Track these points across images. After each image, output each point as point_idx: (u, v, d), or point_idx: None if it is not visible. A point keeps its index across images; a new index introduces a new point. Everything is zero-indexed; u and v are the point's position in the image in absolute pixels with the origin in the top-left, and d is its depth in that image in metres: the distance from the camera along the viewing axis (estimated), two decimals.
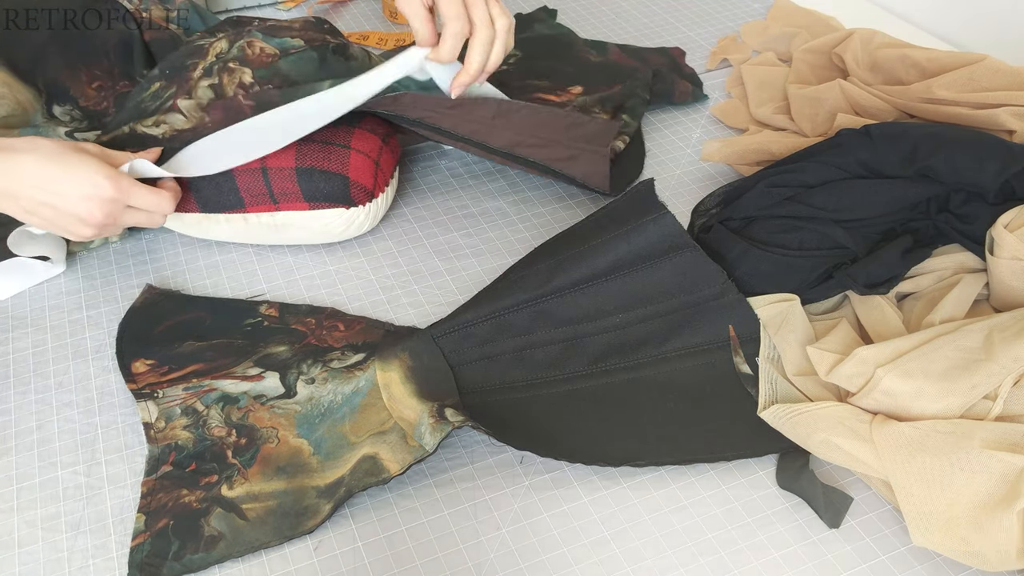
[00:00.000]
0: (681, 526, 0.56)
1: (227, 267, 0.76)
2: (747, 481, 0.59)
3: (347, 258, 0.77)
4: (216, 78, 0.76)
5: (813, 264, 0.67)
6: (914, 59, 0.85)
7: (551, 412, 0.62)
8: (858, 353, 0.59)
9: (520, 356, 0.65)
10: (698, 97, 0.96)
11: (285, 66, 0.76)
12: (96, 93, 0.84)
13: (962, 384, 0.56)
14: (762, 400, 0.61)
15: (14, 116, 0.80)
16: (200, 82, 0.76)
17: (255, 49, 0.76)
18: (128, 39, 0.87)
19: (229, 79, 0.75)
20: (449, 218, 0.81)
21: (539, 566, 0.54)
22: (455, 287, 0.74)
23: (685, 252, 0.65)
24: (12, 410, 0.63)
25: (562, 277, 0.65)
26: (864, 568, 0.54)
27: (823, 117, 0.87)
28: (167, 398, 0.63)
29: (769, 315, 0.65)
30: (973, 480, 0.53)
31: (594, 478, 0.59)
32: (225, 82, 0.75)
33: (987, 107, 0.76)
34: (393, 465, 0.57)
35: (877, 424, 0.57)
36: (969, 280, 0.66)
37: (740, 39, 1.06)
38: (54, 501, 0.57)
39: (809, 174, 0.69)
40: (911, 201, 0.68)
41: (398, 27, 1.10)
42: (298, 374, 0.65)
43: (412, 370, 0.63)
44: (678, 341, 0.65)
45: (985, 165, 0.66)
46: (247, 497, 0.57)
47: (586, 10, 1.13)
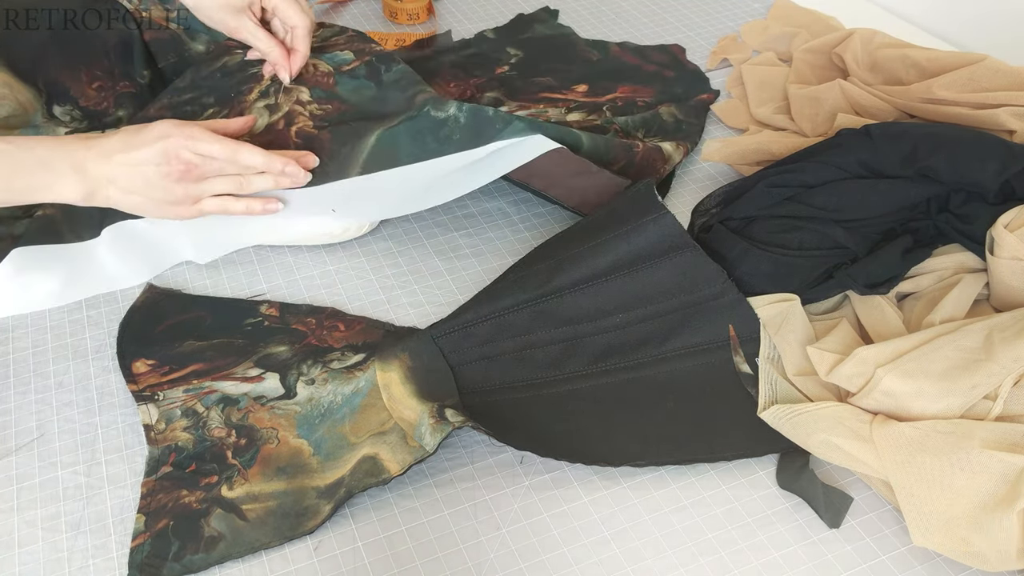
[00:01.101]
0: (681, 526, 0.56)
1: (227, 267, 0.76)
2: (747, 481, 0.59)
3: (347, 258, 0.77)
4: (273, 98, 0.77)
5: (813, 264, 0.67)
6: (914, 59, 0.85)
7: (551, 412, 0.62)
8: (858, 353, 0.59)
9: (520, 356, 0.65)
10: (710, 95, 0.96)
11: (342, 91, 0.78)
12: (96, 93, 0.84)
13: (962, 384, 0.56)
14: (762, 400, 0.61)
15: (15, 116, 0.80)
16: (256, 103, 0.77)
17: (308, 68, 0.79)
18: (128, 39, 0.87)
19: (286, 98, 0.77)
20: (449, 218, 0.81)
21: (539, 566, 0.54)
22: (455, 287, 0.74)
23: (685, 252, 0.65)
24: (12, 410, 0.63)
25: (562, 277, 0.65)
26: (864, 568, 0.54)
27: (823, 117, 0.87)
28: (167, 400, 0.63)
29: (769, 315, 0.65)
30: (973, 480, 0.53)
31: (594, 478, 0.59)
32: (281, 101, 0.77)
33: (987, 107, 0.76)
34: (393, 465, 0.57)
35: (877, 424, 0.56)
36: (969, 280, 0.66)
37: (740, 39, 1.06)
38: (54, 501, 0.57)
39: (809, 174, 0.69)
40: (911, 201, 0.68)
41: (398, 27, 1.10)
42: (298, 375, 0.65)
43: (412, 370, 0.63)
44: (678, 341, 0.65)
45: (985, 165, 0.66)
46: (247, 498, 0.57)
47: (586, 10, 1.13)
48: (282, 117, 0.75)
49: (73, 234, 0.73)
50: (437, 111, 0.73)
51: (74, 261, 0.73)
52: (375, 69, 0.79)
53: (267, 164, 0.69)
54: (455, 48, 1.04)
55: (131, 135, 0.66)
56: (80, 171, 0.64)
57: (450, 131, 0.73)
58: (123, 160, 0.65)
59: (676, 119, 0.90)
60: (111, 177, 0.65)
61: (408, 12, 1.09)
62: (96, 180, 0.65)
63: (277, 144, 0.74)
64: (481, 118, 0.73)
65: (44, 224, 0.73)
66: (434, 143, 0.73)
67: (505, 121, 0.72)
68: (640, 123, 0.88)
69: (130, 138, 0.66)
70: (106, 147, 0.65)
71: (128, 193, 0.66)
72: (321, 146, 0.74)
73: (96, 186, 0.65)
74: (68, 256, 0.73)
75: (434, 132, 0.73)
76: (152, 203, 0.68)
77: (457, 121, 0.73)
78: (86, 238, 0.74)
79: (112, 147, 0.65)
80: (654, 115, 0.90)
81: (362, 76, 0.79)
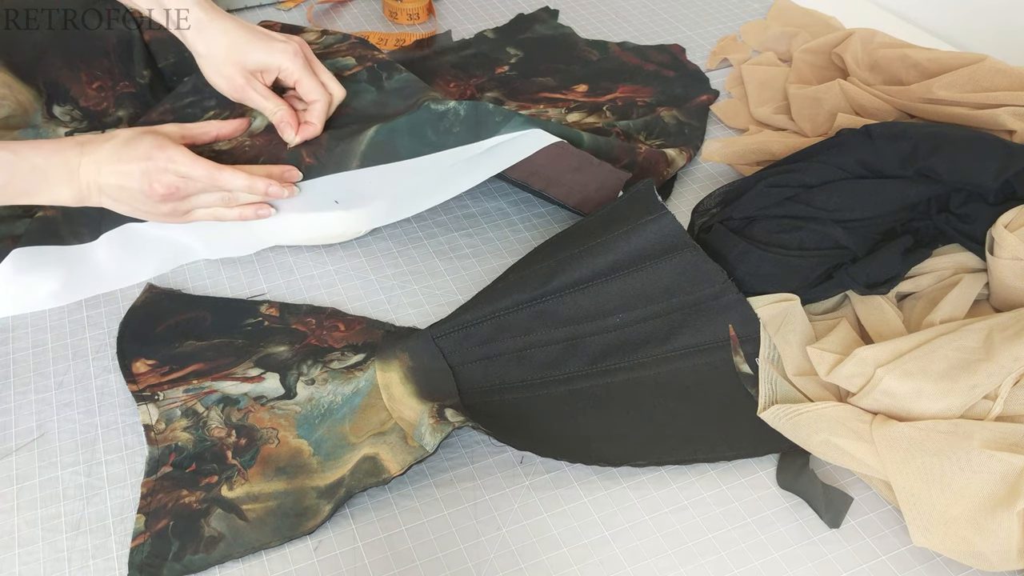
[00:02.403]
0: (681, 526, 0.56)
1: (227, 267, 0.76)
2: (747, 481, 0.59)
3: (347, 258, 0.77)
4: None
5: (813, 264, 0.67)
6: (914, 59, 0.85)
7: (551, 412, 0.62)
8: (858, 353, 0.59)
9: (520, 356, 0.65)
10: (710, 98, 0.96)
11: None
12: (96, 93, 0.84)
13: (962, 384, 0.56)
14: (762, 401, 0.61)
15: (15, 116, 0.80)
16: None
17: None
18: (128, 39, 0.87)
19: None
20: (449, 218, 0.81)
21: (539, 566, 0.54)
22: (455, 287, 0.74)
23: (685, 252, 0.65)
24: (12, 410, 0.63)
25: (562, 277, 0.65)
26: (864, 568, 0.54)
27: (823, 117, 0.87)
28: (167, 400, 0.63)
29: (769, 315, 0.65)
30: (973, 480, 0.53)
31: (594, 478, 0.59)
32: None
33: (987, 107, 0.76)
34: (393, 465, 0.57)
35: (877, 424, 0.56)
36: (969, 280, 0.66)
37: (740, 39, 1.06)
38: (54, 501, 0.57)
39: (809, 174, 0.69)
40: (911, 201, 0.68)
41: (398, 27, 1.10)
42: (298, 375, 0.65)
43: (412, 370, 0.63)
44: (678, 341, 0.65)
45: (985, 165, 0.66)
46: (247, 498, 0.57)
47: (586, 10, 1.13)
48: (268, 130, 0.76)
49: (73, 236, 0.73)
50: (437, 105, 0.73)
51: (74, 262, 0.73)
52: (376, 75, 0.79)
53: (250, 187, 0.69)
54: (455, 48, 1.04)
55: (121, 146, 0.66)
56: (72, 177, 0.65)
57: (450, 124, 0.72)
58: (111, 171, 0.66)
59: (678, 121, 0.90)
60: (100, 186, 0.66)
61: (408, 12, 1.09)
62: (88, 187, 0.66)
63: (274, 144, 0.74)
64: (481, 111, 0.72)
65: (44, 225, 0.73)
66: (433, 136, 0.72)
67: (505, 116, 0.72)
68: (642, 126, 0.88)
69: (120, 150, 0.66)
70: (97, 155, 0.66)
71: (118, 203, 0.68)
72: (318, 143, 0.74)
73: (88, 192, 0.66)
74: (68, 256, 0.73)
75: (433, 125, 0.73)
76: (142, 214, 0.69)
77: (457, 114, 0.73)
78: (86, 240, 0.74)
79: (102, 157, 0.66)
80: (656, 118, 0.90)
81: (363, 81, 0.79)
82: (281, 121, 0.73)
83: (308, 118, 0.74)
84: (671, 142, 0.87)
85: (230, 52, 0.72)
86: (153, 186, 0.66)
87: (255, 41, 0.73)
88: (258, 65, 0.73)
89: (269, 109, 0.74)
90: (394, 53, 1.03)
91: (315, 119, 0.74)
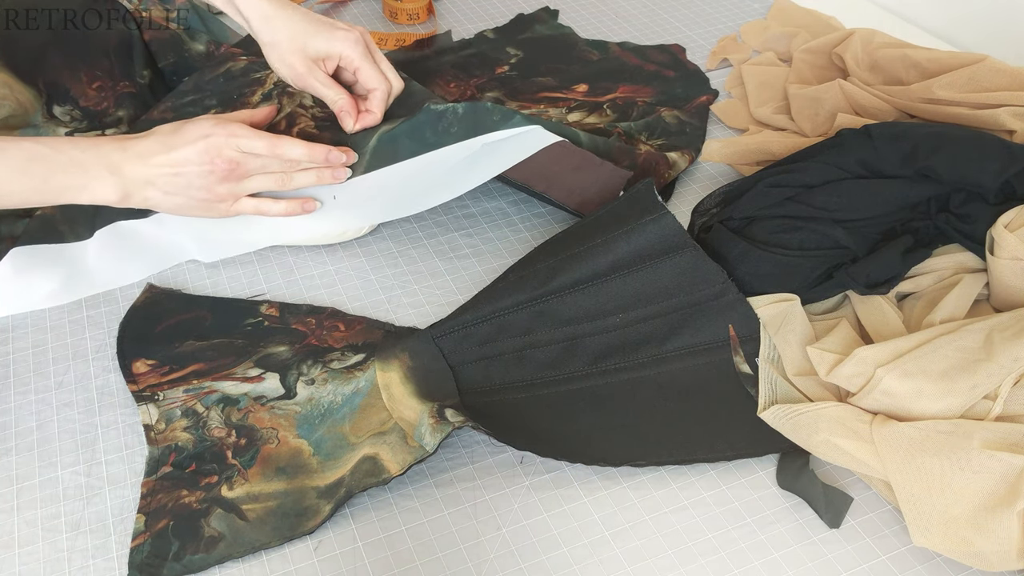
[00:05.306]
0: (681, 526, 0.56)
1: (227, 267, 0.76)
2: (747, 481, 0.59)
3: (347, 258, 0.77)
4: (276, 101, 0.78)
5: (813, 264, 0.67)
6: (914, 59, 0.85)
7: (551, 412, 0.62)
8: (858, 353, 0.59)
9: (520, 356, 0.65)
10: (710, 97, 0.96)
11: None
12: (96, 93, 0.84)
13: (962, 384, 0.56)
14: (762, 401, 0.61)
15: (15, 116, 0.80)
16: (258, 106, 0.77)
17: None
18: (128, 39, 0.87)
19: (288, 101, 0.78)
20: (449, 218, 0.81)
21: (539, 566, 0.54)
22: (455, 287, 0.74)
23: (685, 252, 0.65)
24: (12, 410, 0.63)
25: (562, 277, 0.65)
26: (864, 568, 0.54)
27: (823, 117, 0.87)
28: (167, 400, 0.63)
29: (769, 315, 0.65)
30: (973, 480, 0.53)
31: (594, 478, 0.59)
32: (284, 103, 0.77)
33: (987, 107, 0.76)
34: (393, 465, 0.57)
35: (877, 424, 0.56)
36: (969, 280, 0.66)
37: (740, 39, 1.06)
38: (54, 501, 0.57)
39: (809, 174, 0.69)
40: (911, 201, 0.68)
41: (398, 27, 1.10)
42: (298, 375, 0.65)
43: (412, 370, 0.63)
44: (678, 341, 0.65)
45: (985, 165, 0.66)
46: (247, 498, 0.57)
47: (586, 10, 1.13)
48: (284, 118, 0.76)
49: (72, 233, 0.73)
50: (436, 105, 0.73)
51: (74, 260, 0.73)
52: None
53: (310, 155, 0.69)
54: (455, 48, 1.04)
55: (168, 136, 0.66)
56: (116, 173, 0.64)
57: (448, 124, 0.72)
58: (162, 161, 0.65)
59: (679, 121, 0.90)
60: (149, 179, 0.65)
61: (408, 12, 1.09)
62: (133, 182, 0.65)
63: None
64: (480, 111, 0.73)
65: (42, 223, 0.73)
66: (432, 136, 0.72)
67: (504, 115, 0.72)
68: (643, 127, 0.88)
69: (168, 139, 0.65)
70: (142, 149, 0.65)
71: (169, 195, 0.66)
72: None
73: (133, 188, 0.65)
74: (68, 256, 0.73)
75: (432, 125, 0.73)
76: (193, 203, 0.68)
77: (455, 113, 0.73)
78: (84, 237, 0.74)
79: (149, 149, 0.65)
80: (657, 118, 0.90)
81: None
82: (341, 110, 0.73)
83: (368, 107, 0.74)
84: (673, 143, 0.87)
85: (293, 40, 0.72)
86: (215, 161, 0.65)
87: (318, 30, 0.73)
88: (320, 53, 0.73)
89: (330, 97, 0.73)
90: (394, 53, 1.03)
91: (375, 107, 0.74)
